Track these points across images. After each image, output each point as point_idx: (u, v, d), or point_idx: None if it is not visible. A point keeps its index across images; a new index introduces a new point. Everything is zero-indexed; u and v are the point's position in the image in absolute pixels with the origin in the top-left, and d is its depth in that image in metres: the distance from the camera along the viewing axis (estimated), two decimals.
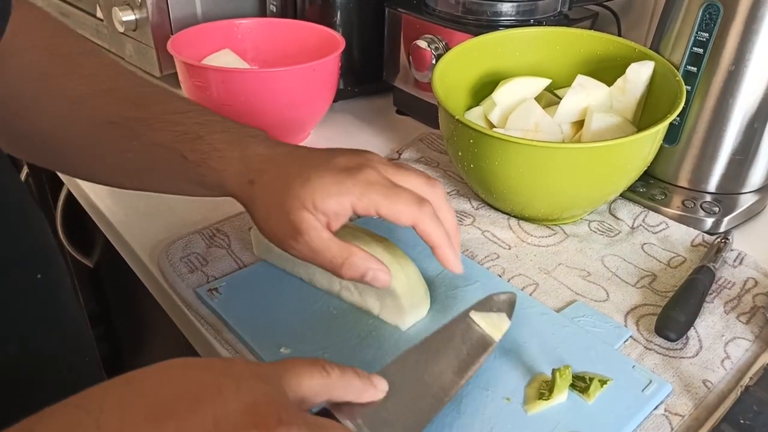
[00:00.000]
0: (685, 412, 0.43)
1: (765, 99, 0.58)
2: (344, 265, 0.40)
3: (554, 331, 0.48)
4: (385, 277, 0.41)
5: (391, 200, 0.39)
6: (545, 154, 0.53)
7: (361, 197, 0.39)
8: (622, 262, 0.57)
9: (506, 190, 0.58)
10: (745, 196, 0.63)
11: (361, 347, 0.46)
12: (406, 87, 0.81)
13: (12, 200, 0.39)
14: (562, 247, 0.58)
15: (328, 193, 0.39)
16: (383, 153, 0.76)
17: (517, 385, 0.43)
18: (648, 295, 0.53)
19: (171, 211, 0.63)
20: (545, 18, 0.74)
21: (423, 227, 0.40)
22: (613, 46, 0.65)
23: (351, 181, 0.39)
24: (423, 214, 0.40)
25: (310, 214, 0.39)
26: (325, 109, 0.78)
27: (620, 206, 0.64)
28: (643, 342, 0.48)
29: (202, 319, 0.50)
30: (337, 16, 0.81)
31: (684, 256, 0.58)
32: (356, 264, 0.40)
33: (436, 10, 0.75)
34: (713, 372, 0.46)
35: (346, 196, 0.39)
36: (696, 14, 0.58)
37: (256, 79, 0.69)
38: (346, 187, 0.39)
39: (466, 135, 0.56)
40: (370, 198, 0.39)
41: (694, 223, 0.61)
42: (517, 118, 0.62)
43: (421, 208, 0.40)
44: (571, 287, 0.54)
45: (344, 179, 0.39)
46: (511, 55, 0.68)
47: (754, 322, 0.50)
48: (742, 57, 0.57)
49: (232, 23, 0.81)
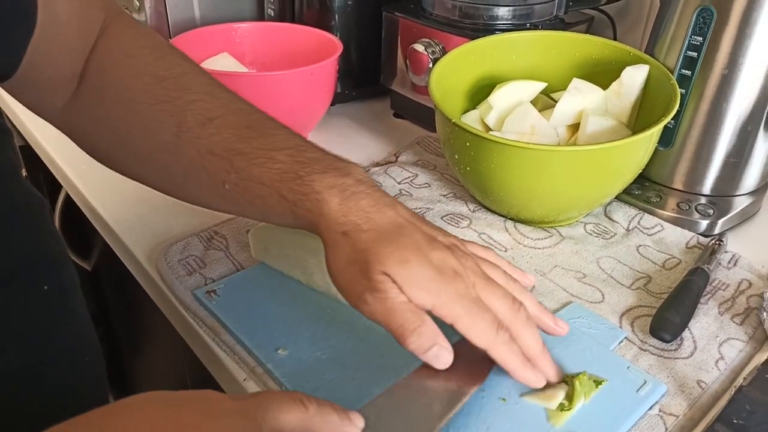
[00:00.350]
0: (679, 413, 0.43)
1: (758, 102, 0.59)
2: (415, 332, 0.38)
3: None
4: (448, 357, 0.39)
5: (472, 320, 0.39)
6: (541, 157, 0.54)
7: (444, 306, 0.39)
8: (617, 263, 0.57)
9: (502, 193, 0.58)
10: (740, 199, 0.64)
11: (358, 348, 0.47)
12: (403, 90, 0.81)
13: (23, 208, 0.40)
14: (558, 249, 0.59)
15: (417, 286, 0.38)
16: (380, 156, 0.76)
17: (513, 386, 0.44)
18: (643, 297, 0.53)
19: (169, 213, 0.63)
20: (541, 22, 0.74)
21: (496, 353, 0.40)
22: (609, 49, 0.66)
23: (441, 287, 0.39)
24: (497, 341, 0.39)
25: (387, 278, 0.39)
26: (323, 112, 0.78)
27: (616, 208, 0.64)
28: (638, 343, 0.49)
29: (200, 321, 0.50)
30: (335, 20, 0.81)
31: (679, 257, 0.58)
32: (426, 334, 0.38)
33: (433, 14, 0.75)
34: (707, 372, 0.46)
35: (430, 298, 0.38)
36: (690, 18, 0.59)
37: (254, 83, 0.69)
38: (435, 290, 0.39)
39: (462, 138, 0.56)
40: (452, 309, 0.39)
41: (689, 225, 0.62)
42: (513, 121, 0.62)
43: (497, 335, 0.39)
44: (566, 289, 0.54)
45: (435, 282, 0.39)
46: (507, 59, 0.69)
47: (748, 323, 0.51)
48: (736, 61, 0.57)
49: (230, 27, 0.82)
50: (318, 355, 0.46)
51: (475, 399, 0.43)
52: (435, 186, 0.68)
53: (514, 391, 0.43)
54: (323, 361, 0.45)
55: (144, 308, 0.73)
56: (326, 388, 0.43)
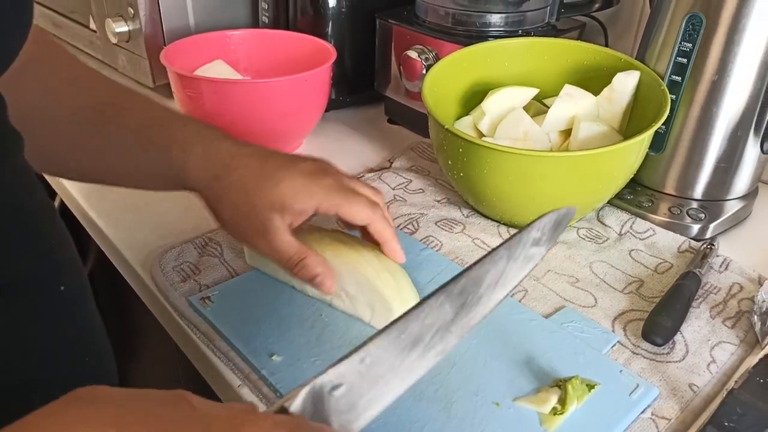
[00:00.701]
0: (671, 416, 0.43)
1: (748, 107, 0.60)
2: (298, 265, 0.44)
3: (543, 337, 0.48)
4: (330, 284, 0.45)
5: (350, 203, 0.44)
6: (534, 163, 0.54)
7: (325, 200, 0.44)
8: (609, 268, 0.58)
9: (496, 198, 0.59)
10: (731, 203, 0.64)
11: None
12: (397, 97, 0.82)
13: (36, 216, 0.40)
14: (551, 253, 0.59)
15: (297, 195, 0.43)
16: (374, 162, 0.77)
17: (507, 391, 0.44)
18: (635, 301, 0.54)
19: (163, 220, 0.63)
20: (533, 29, 0.75)
21: (376, 226, 0.46)
22: (600, 56, 0.66)
23: (316, 186, 0.44)
24: (376, 215, 0.46)
25: (278, 214, 0.43)
26: (317, 118, 0.78)
27: (608, 213, 0.65)
28: (630, 347, 0.49)
29: (194, 328, 0.50)
30: (329, 27, 0.82)
31: (671, 262, 0.58)
32: (309, 266, 0.44)
33: (426, 21, 0.76)
34: (699, 376, 0.47)
35: (313, 199, 0.44)
36: (680, 25, 0.60)
37: (248, 90, 0.70)
38: (313, 191, 0.44)
39: (455, 144, 0.57)
40: (333, 200, 0.44)
41: (681, 229, 0.62)
42: (505, 127, 0.63)
43: (374, 211, 0.45)
44: (559, 293, 0.54)
45: (310, 183, 0.44)
46: (499, 65, 0.69)
47: (739, 326, 0.51)
48: (725, 67, 0.58)
49: (225, 34, 0.82)
50: (312, 361, 0.46)
51: (469, 403, 0.43)
52: (429, 191, 0.69)
53: (508, 395, 0.43)
54: (317, 366, 0.45)
55: (138, 315, 0.73)
56: None
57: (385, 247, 0.47)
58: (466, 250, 0.59)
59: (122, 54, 0.91)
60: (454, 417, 0.42)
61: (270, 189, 0.43)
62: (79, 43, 1.02)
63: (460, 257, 0.58)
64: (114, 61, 0.95)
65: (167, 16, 0.86)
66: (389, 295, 0.47)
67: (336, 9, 0.81)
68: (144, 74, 0.88)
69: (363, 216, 0.45)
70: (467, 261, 0.58)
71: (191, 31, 0.88)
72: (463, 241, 0.60)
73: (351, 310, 0.50)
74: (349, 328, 0.49)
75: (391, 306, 0.47)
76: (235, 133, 0.73)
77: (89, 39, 0.99)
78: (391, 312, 0.47)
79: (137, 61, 0.89)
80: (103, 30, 0.91)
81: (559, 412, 0.42)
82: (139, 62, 0.88)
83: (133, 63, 0.90)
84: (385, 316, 0.48)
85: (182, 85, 0.71)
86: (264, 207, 0.43)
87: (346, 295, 0.49)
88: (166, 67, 0.72)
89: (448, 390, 0.44)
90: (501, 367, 0.46)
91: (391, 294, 0.47)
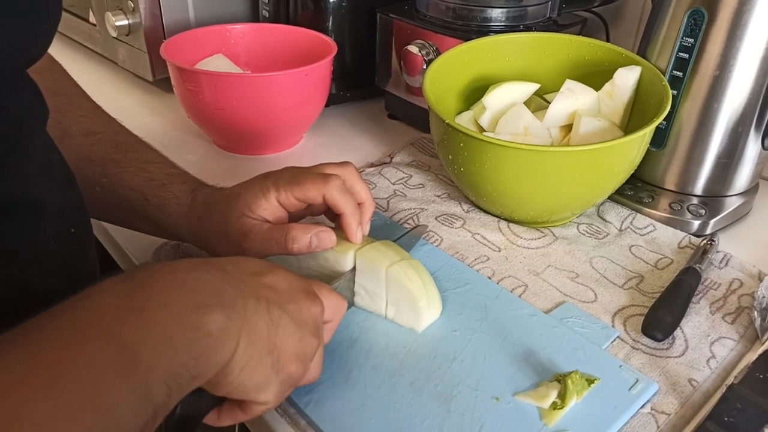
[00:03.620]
0: (671, 411, 0.44)
1: (749, 103, 0.59)
2: (288, 240, 0.45)
3: (543, 332, 0.48)
4: (326, 236, 0.46)
5: (300, 182, 0.46)
6: (534, 158, 0.54)
7: (278, 190, 0.46)
8: (610, 263, 0.58)
9: (496, 193, 0.59)
10: (731, 199, 0.64)
11: (352, 350, 0.47)
12: (397, 92, 0.81)
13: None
14: (551, 249, 0.59)
15: (256, 197, 0.47)
16: (375, 157, 0.76)
17: (507, 385, 0.44)
18: (635, 296, 0.54)
19: None
20: (534, 23, 0.75)
21: (330, 196, 0.46)
22: (601, 51, 0.66)
23: (269, 182, 0.47)
24: (329, 186, 0.46)
25: (249, 218, 0.46)
26: (318, 113, 0.78)
27: (608, 209, 0.65)
28: (630, 342, 0.49)
29: None
30: (330, 22, 0.81)
31: (671, 257, 0.58)
32: (298, 235, 0.45)
33: (427, 15, 0.76)
34: (699, 371, 0.47)
35: (269, 194, 0.46)
36: (681, 20, 0.59)
37: (248, 84, 0.69)
38: (267, 187, 0.47)
39: (456, 139, 0.56)
40: (284, 187, 0.46)
41: (681, 225, 0.62)
42: (506, 122, 0.63)
43: (327, 182, 0.46)
44: (559, 289, 0.54)
45: (263, 182, 0.47)
46: (500, 60, 0.69)
47: (739, 322, 0.51)
48: (727, 62, 0.58)
49: (225, 28, 0.82)
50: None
51: (469, 398, 0.43)
52: (429, 187, 0.69)
53: (508, 390, 0.43)
54: None
55: None
56: (320, 388, 0.43)
57: (342, 221, 0.48)
58: (467, 245, 0.59)
59: (122, 48, 0.91)
60: (454, 412, 0.42)
61: (234, 203, 0.47)
62: (78, 37, 1.02)
63: (460, 252, 0.58)
64: (114, 55, 0.94)
65: (167, 10, 0.85)
66: (414, 290, 0.47)
67: (336, 3, 0.81)
68: (144, 68, 0.88)
69: (314, 192, 0.46)
70: (467, 256, 0.58)
71: (191, 24, 0.88)
72: (463, 236, 0.60)
73: (371, 306, 0.50)
74: (348, 325, 0.49)
75: (417, 300, 0.47)
76: (236, 127, 0.73)
77: (89, 32, 0.98)
78: (419, 309, 0.47)
79: (137, 54, 0.88)
80: (102, 23, 0.91)
81: (559, 407, 0.42)
82: (138, 56, 0.88)
83: (132, 57, 0.90)
84: (408, 311, 0.48)
85: (182, 78, 0.71)
86: (236, 218, 0.47)
87: (365, 292, 0.49)
88: (166, 60, 0.72)
89: (448, 385, 0.44)
90: (501, 362, 0.46)
91: (416, 288, 0.47)
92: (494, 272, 0.56)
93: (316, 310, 0.38)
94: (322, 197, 0.46)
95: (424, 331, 0.48)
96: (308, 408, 0.42)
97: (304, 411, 0.42)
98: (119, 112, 0.57)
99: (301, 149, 0.79)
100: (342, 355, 0.46)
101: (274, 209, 0.47)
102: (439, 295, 0.50)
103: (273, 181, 0.47)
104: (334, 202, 0.47)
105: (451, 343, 0.47)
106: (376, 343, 0.47)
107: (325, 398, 0.43)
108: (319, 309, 0.38)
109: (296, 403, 0.42)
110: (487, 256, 0.58)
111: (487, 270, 0.56)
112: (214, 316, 0.31)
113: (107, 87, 0.94)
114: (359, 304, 0.50)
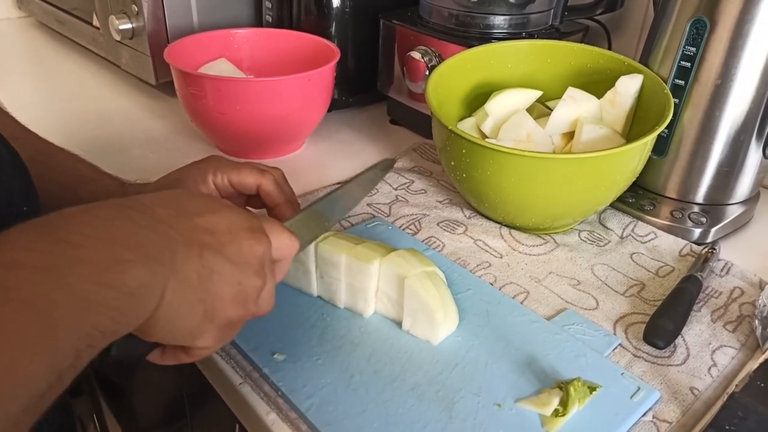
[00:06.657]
0: (672, 419, 0.43)
1: (751, 112, 0.60)
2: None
3: (545, 339, 0.48)
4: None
5: (238, 169, 0.49)
6: (536, 165, 0.54)
7: (216, 173, 0.48)
8: (611, 271, 0.58)
9: (498, 200, 0.59)
10: (732, 207, 0.65)
11: (353, 354, 0.47)
12: (400, 97, 0.82)
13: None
14: (553, 256, 0.59)
15: (195, 182, 0.48)
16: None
17: (508, 392, 0.44)
18: (637, 304, 0.54)
19: None
20: (537, 31, 0.75)
21: (265, 187, 0.49)
22: (603, 59, 0.67)
23: (205, 165, 0.49)
24: (265, 178, 0.49)
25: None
26: (320, 118, 0.78)
27: (610, 216, 0.65)
28: (631, 350, 0.49)
29: None
30: (333, 27, 0.82)
31: (672, 265, 0.58)
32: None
33: (430, 22, 0.76)
34: (700, 379, 0.47)
35: (206, 177, 0.48)
36: (684, 29, 0.60)
37: (251, 89, 0.70)
38: (204, 171, 0.48)
39: (458, 145, 0.57)
40: (223, 171, 0.48)
41: (682, 233, 0.62)
42: (508, 128, 0.63)
43: (263, 174, 0.49)
44: (561, 296, 0.54)
45: (201, 164, 0.49)
46: (503, 67, 0.69)
47: (741, 330, 0.51)
48: (728, 71, 0.58)
49: (229, 33, 0.82)
50: (314, 360, 0.46)
51: (471, 404, 0.43)
52: (431, 192, 0.69)
53: (509, 396, 0.43)
54: (319, 366, 0.46)
55: None
56: (322, 393, 0.43)
57: (275, 211, 0.49)
58: (468, 252, 0.59)
59: (125, 51, 0.91)
60: (455, 418, 0.42)
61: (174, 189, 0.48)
62: (82, 40, 1.02)
63: (462, 258, 0.58)
64: (117, 59, 0.95)
65: (171, 14, 0.86)
66: (432, 302, 0.47)
67: (340, 9, 0.81)
68: (147, 72, 0.88)
69: (251, 180, 0.48)
70: (469, 262, 0.58)
71: (195, 29, 0.88)
72: (465, 243, 0.60)
73: (392, 314, 0.50)
74: (350, 329, 0.49)
75: (435, 316, 0.47)
76: (238, 131, 0.73)
77: (92, 36, 0.98)
78: (435, 321, 0.47)
79: (140, 58, 0.88)
80: (106, 27, 0.91)
81: (561, 414, 0.42)
82: (142, 59, 0.88)
83: (136, 60, 0.90)
84: (425, 323, 0.48)
85: (185, 82, 0.71)
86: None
87: (387, 299, 0.50)
88: (169, 64, 0.72)
89: (450, 390, 0.44)
90: (503, 369, 0.46)
91: (433, 300, 0.47)
92: (496, 278, 0.56)
93: (260, 248, 0.36)
94: (257, 187, 0.49)
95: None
96: (310, 412, 0.42)
97: (305, 415, 0.42)
98: (122, 116, 0.57)
99: (303, 154, 0.79)
100: (344, 359, 0.46)
101: (209, 191, 0.49)
102: (456, 308, 0.50)
103: (209, 164, 0.49)
104: (266, 195, 0.49)
105: (454, 348, 0.47)
106: (378, 348, 0.47)
107: (327, 403, 0.43)
108: (263, 247, 0.36)
109: (298, 407, 0.42)
110: (488, 263, 0.58)
111: (488, 276, 0.56)
112: (134, 272, 0.29)
113: (110, 90, 0.94)
114: (381, 312, 0.50)
